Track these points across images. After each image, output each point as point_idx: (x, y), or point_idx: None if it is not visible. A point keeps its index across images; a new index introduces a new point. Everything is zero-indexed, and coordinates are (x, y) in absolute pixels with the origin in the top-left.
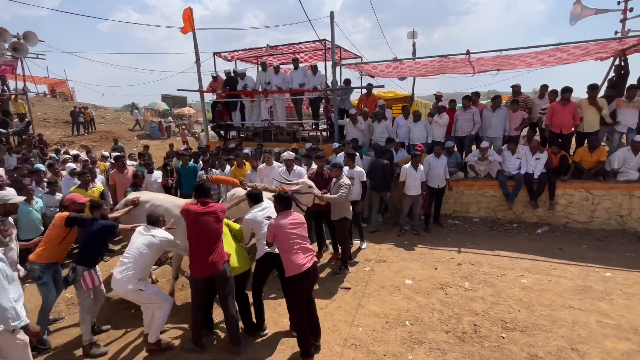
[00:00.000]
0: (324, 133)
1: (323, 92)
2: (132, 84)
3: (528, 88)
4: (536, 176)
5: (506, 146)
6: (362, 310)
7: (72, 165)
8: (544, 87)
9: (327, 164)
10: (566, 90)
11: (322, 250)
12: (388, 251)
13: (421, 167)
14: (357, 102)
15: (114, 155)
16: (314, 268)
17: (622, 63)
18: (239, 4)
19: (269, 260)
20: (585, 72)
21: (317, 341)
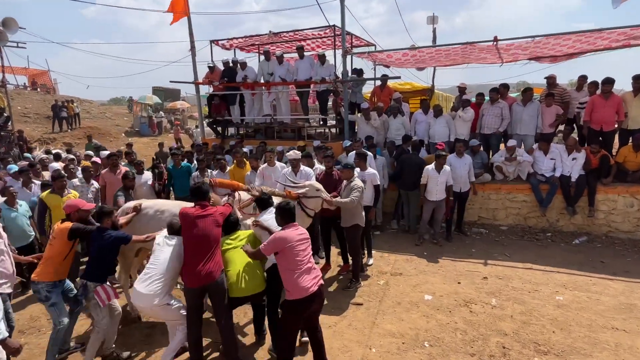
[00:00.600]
0: (333, 130)
1: (332, 84)
2: (120, 75)
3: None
4: (573, 179)
5: (537, 145)
6: (376, 329)
7: (56, 165)
8: (583, 78)
9: (338, 165)
10: (608, 81)
11: (320, 256)
12: (405, 263)
13: (446, 169)
14: (370, 95)
15: (106, 153)
16: (320, 292)
17: None
18: None
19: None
20: (630, 61)
21: None
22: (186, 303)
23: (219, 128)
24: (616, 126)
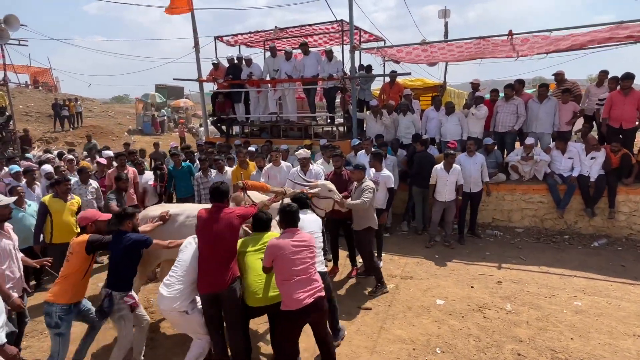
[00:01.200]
0: (341, 128)
1: (340, 81)
2: (123, 73)
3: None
4: (593, 179)
5: (554, 144)
6: (385, 334)
7: (49, 167)
8: (604, 74)
9: (349, 166)
10: (627, 77)
11: (327, 258)
12: (415, 266)
13: (456, 168)
14: (379, 93)
15: (112, 153)
16: (317, 304)
17: None
18: None
19: None
20: None
21: None
22: (203, 311)
23: (224, 127)
24: (637, 123)
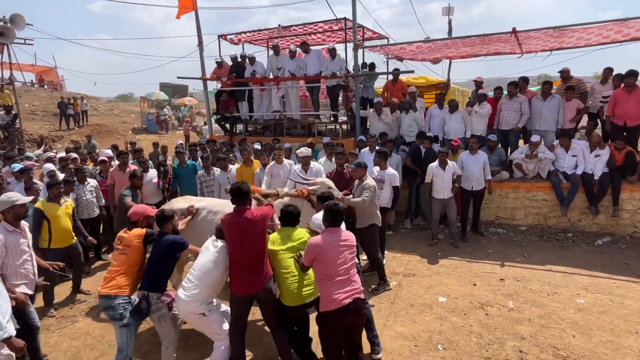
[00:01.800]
0: (344, 126)
1: (343, 79)
2: (127, 72)
3: (588, 72)
4: (597, 177)
5: (558, 142)
6: (388, 331)
7: (51, 166)
8: (608, 71)
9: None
10: (631, 74)
11: None
12: (418, 263)
13: (451, 165)
14: (382, 90)
15: (112, 152)
16: (357, 306)
17: None
18: None
19: None
20: None
21: None
22: (231, 312)
23: (227, 125)
24: None
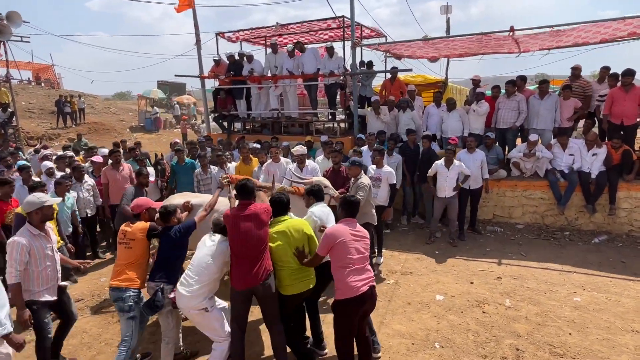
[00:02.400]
0: (342, 124)
1: (341, 77)
2: (125, 70)
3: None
4: (593, 175)
5: (555, 140)
6: (385, 329)
7: (49, 163)
8: (605, 70)
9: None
10: (628, 73)
11: None
12: (415, 262)
13: (457, 165)
14: (380, 89)
15: (105, 151)
16: (372, 293)
17: None
18: None
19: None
20: None
21: None
22: (231, 308)
23: (225, 123)
24: (638, 120)
